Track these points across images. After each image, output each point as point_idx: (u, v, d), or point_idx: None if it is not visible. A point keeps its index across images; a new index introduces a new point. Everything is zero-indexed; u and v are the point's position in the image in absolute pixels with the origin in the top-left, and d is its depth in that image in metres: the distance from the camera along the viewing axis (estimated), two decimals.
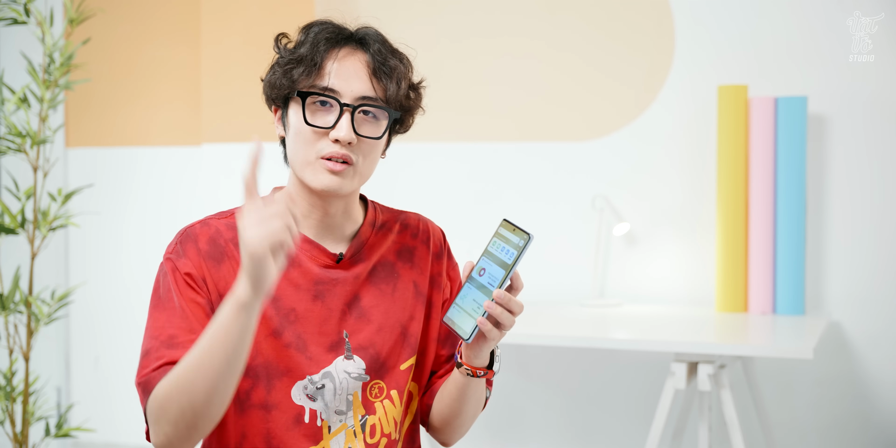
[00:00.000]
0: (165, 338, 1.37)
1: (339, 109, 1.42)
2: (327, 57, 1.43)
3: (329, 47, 1.44)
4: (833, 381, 3.08)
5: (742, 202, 3.02)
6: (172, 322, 1.38)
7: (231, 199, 3.14)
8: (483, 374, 1.44)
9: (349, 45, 1.46)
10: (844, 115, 3.07)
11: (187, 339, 1.36)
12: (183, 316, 1.38)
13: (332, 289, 1.47)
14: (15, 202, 3.52)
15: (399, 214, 1.59)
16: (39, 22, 3.02)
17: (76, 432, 3.53)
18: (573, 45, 3.34)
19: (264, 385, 1.43)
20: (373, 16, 1.58)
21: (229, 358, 1.25)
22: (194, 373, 1.27)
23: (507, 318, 1.35)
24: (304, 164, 1.43)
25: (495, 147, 3.42)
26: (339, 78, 1.42)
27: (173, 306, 1.39)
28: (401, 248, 1.55)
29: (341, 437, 1.46)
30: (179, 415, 1.28)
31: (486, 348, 1.40)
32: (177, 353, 1.35)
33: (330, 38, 1.45)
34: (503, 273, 1.34)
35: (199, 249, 1.43)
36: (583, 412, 3.31)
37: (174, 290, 1.40)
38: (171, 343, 1.36)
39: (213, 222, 1.47)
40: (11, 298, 2.99)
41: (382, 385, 1.49)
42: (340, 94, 1.42)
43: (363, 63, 1.44)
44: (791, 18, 3.12)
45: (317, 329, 1.45)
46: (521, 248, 1.32)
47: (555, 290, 3.31)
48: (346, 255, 1.49)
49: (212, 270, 1.42)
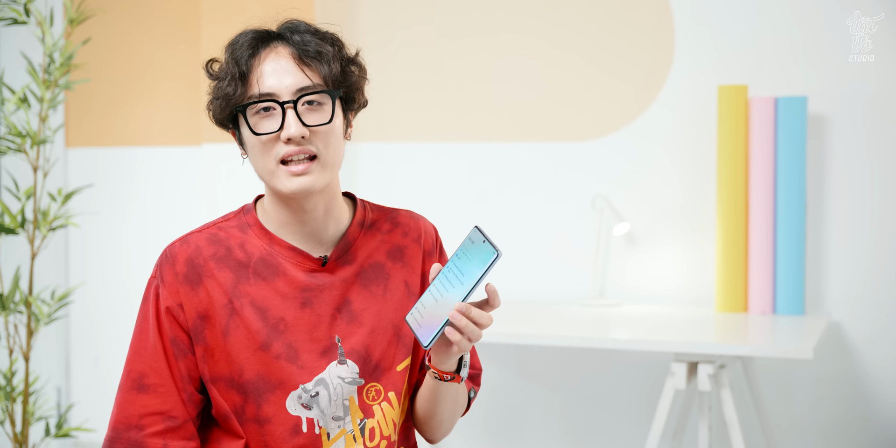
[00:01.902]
0: (137, 376, 1.45)
1: (280, 110, 1.39)
2: (252, 64, 1.41)
3: (252, 54, 1.42)
4: (833, 381, 3.08)
5: (742, 202, 3.02)
6: (150, 360, 1.45)
7: (230, 200, 3.13)
8: (449, 379, 1.41)
9: (270, 44, 1.44)
10: (844, 115, 3.07)
11: (155, 382, 1.44)
12: (156, 353, 1.44)
13: (320, 294, 1.46)
14: (15, 202, 3.52)
15: (390, 212, 1.57)
16: (39, 22, 3.02)
17: (76, 432, 3.53)
18: (573, 44, 3.34)
19: (254, 400, 1.43)
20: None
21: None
22: None
23: (472, 331, 1.31)
24: (268, 174, 1.42)
25: (495, 146, 3.42)
26: (269, 79, 1.40)
27: (147, 338, 1.45)
28: (391, 247, 1.53)
29: (341, 443, 1.45)
30: None
31: (453, 356, 1.38)
32: (146, 401, 1.44)
33: (251, 45, 1.43)
34: (468, 286, 1.29)
35: (176, 273, 1.45)
36: (583, 412, 3.31)
37: (151, 320, 1.46)
38: (142, 385, 1.44)
39: (193, 239, 1.47)
40: (11, 298, 2.99)
41: (379, 387, 1.48)
42: (277, 94, 1.39)
43: (289, 56, 1.42)
44: (791, 18, 3.12)
45: (307, 336, 1.44)
46: (487, 264, 1.28)
47: (554, 289, 3.31)
48: (331, 257, 1.47)
49: (188, 296, 1.44)
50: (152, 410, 1.43)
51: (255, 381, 1.43)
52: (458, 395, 1.51)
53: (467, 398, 1.59)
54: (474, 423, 3.38)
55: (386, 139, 3.51)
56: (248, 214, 1.50)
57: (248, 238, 1.47)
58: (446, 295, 1.32)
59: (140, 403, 1.44)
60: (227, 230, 1.48)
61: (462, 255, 1.32)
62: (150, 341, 1.44)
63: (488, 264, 1.27)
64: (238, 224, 1.49)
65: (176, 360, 1.44)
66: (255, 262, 1.45)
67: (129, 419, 1.45)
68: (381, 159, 3.51)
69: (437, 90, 3.45)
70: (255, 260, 1.45)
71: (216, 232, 1.47)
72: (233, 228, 1.48)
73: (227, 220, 1.50)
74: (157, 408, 1.43)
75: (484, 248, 1.29)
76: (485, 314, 1.32)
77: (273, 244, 1.46)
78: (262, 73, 1.40)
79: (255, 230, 1.47)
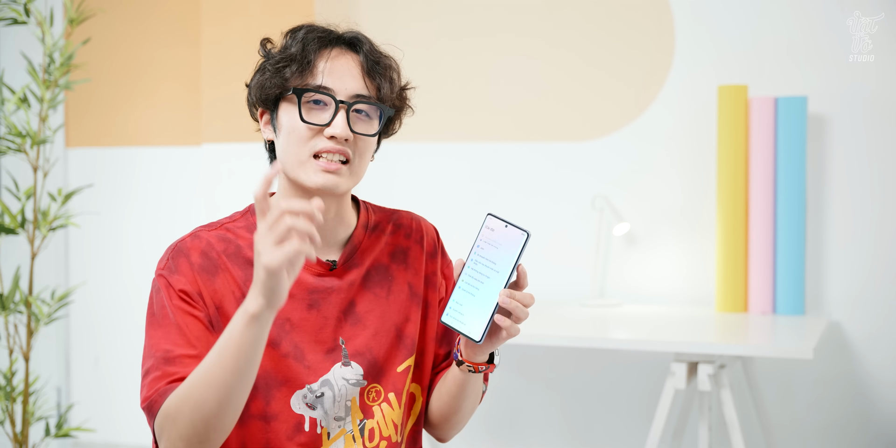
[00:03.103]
0: (162, 354, 1.36)
1: (334, 107, 1.41)
2: (319, 56, 1.43)
3: (320, 47, 1.43)
4: (833, 382, 3.08)
5: (742, 202, 3.02)
6: (169, 338, 1.37)
7: (230, 200, 3.14)
8: (484, 370, 1.43)
9: (339, 46, 1.45)
10: (844, 115, 3.07)
11: (184, 353, 1.36)
12: (179, 331, 1.37)
13: (328, 297, 1.46)
14: (15, 202, 3.52)
15: (392, 214, 1.58)
16: (39, 22, 3.02)
17: (76, 432, 3.53)
18: (573, 44, 3.34)
19: (263, 396, 1.43)
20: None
21: (241, 370, 1.25)
22: (205, 386, 1.26)
23: (522, 311, 1.33)
24: (296, 163, 1.42)
25: (495, 146, 3.42)
26: (332, 76, 1.42)
27: (168, 322, 1.38)
28: (394, 249, 1.54)
29: (340, 443, 1.46)
30: (191, 429, 1.28)
31: (496, 345, 1.39)
32: (176, 369, 1.34)
33: (321, 38, 1.44)
34: (507, 271, 1.31)
35: (191, 264, 1.42)
36: (583, 412, 3.31)
37: (168, 307, 1.39)
38: (168, 358, 1.35)
39: (204, 235, 1.46)
40: (11, 298, 2.99)
41: (379, 388, 1.48)
42: (335, 91, 1.41)
43: (356, 62, 1.44)
44: (791, 18, 3.12)
45: (313, 337, 1.44)
46: (521, 247, 1.30)
47: (555, 290, 3.31)
48: (339, 261, 1.48)
49: (206, 284, 1.41)
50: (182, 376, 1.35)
51: (263, 376, 1.42)
52: (479, 387, 1.52)
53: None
54: (474, 423, 3.38)
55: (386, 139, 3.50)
56: (255, 215, 1.50)
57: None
58: (483, 287, 1.33)
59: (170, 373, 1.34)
60: (235, 231, 1.47)
61: (485, 245, 1.33)
62: (171, 322, 1.38)
63: (521, 246, 1.30)
64: (246, 224, 1.48)
65: (200, 332, 1.39)
66: None
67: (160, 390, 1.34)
68: (381, 159, 3.49)
69: (437, 90, 3.45)
70: None
71: (224, 232, 1.46)
72: (240, 229, 1.48)
73: (233, 220, 1.50)
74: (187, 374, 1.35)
75: (509, 232, 1.31)
76: (527, 294, 1.34)
77: None
78: (327, 67, 1.42)
79: None
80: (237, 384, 1.26)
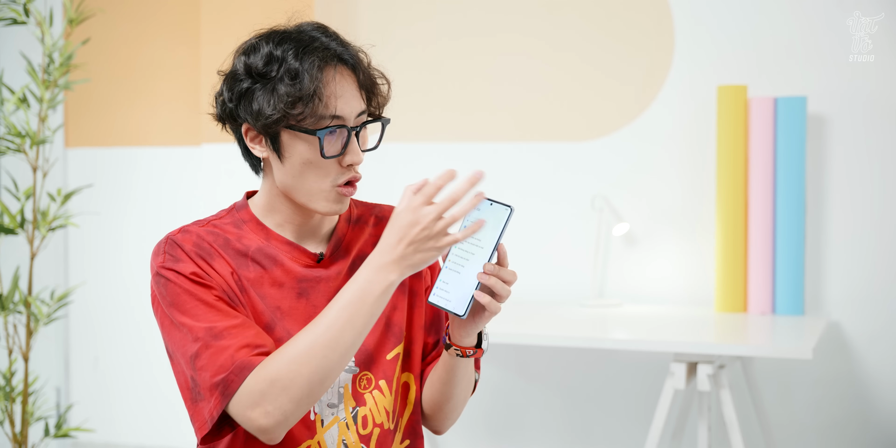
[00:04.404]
0: (205, 332, 1.35)
1: (346, 134, 1.42)
2: (325, 84, 1.40)
3: (321, 72, 1.40)
4: (832, 381, 3.08)
5: (742, 202, 3.02)
6: (204, 317, 1.37)
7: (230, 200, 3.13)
8: (472, 354, 1.46)
9: (337, 63, 1.43)
10: (844, 115, 3.07)
11: (230, 324, 1.36)
12: (209, 308, 1.37)
13: (316, 286, 1.48)
14: (14, 202, 3.52)
15: (373, 207, 1.60)
16: (39, 22, 3.02)
17: (75, 432, 3.52)
18: (573, 44, 3.34)
19: None
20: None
21: (366, 332, 1.33)
22: (330, 348, 1.31)
23: (502, 288, 1.35)
24: (315, 193, 1.43)
25: (495, 147, 3.42)
26: (340, 101, 1.41)
27: (193, 305, 1.38)
28: (377, 240, 1.54)
29: (334, 430, 1.47)
30: (307, 390, 1.31)
31: (480, 324, 1.41)
32: (230, 342, 1.34)
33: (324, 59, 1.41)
34: (489, 248, 1.34)
35: (187, 252, 1.43)
36: (582, 412, 3.31)
37: (186, 292, 1.39)
38: (216, 333, 1.35)
39: (193, 229, 1.47)
40: (11, 298, 2.99)
41: (370, 376, 1.49)
42: (346, 119, 1.41)
43: (352, 79, 1.44)
44: (791, 18, 3.12)
45: (303, 325, 1.45)
46: (503, 222, 1.33)
47: (554, 290, 3.31)
48: (326, 253, 1.50)
49: (207, 269, 1.42)
50: (240, 345, 1.34)
51: None
52: (470, 374, 1.54)
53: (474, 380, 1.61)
54: (474, 423, 3.38)
55: (385, 139, 3.50)
56: (241, 211, 1.51)
57: (243, 233, 1.49)
58: (468, 264, 1.35)
59: (220, 350, 1.33)
60: (222, 227, 1.49)
61: (468, 223, 1.36)
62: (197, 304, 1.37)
63: (504, 221, 1.33)
64: (232, 221, 1.51)
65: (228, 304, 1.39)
66: (253, 251, 1.47)
67: (238, 360, 1.33)
68: (380, 159, 3.51)
69: (437, 90, 3.45)
70: (252, 250, 1.47)
71: (212, 228, 1.49)
72: (227, 225, 1.50)
73: (219, 217, 1.52)
74: (243, 342, 1.36)
75: (494, 209, 1.35)
76: (509, 270, 1.36)
77: (270, 239, 1.49)
78: (335, 93, 1.41)
79: (251, 226, 1.49)
80: (358, 342, 1.33)
